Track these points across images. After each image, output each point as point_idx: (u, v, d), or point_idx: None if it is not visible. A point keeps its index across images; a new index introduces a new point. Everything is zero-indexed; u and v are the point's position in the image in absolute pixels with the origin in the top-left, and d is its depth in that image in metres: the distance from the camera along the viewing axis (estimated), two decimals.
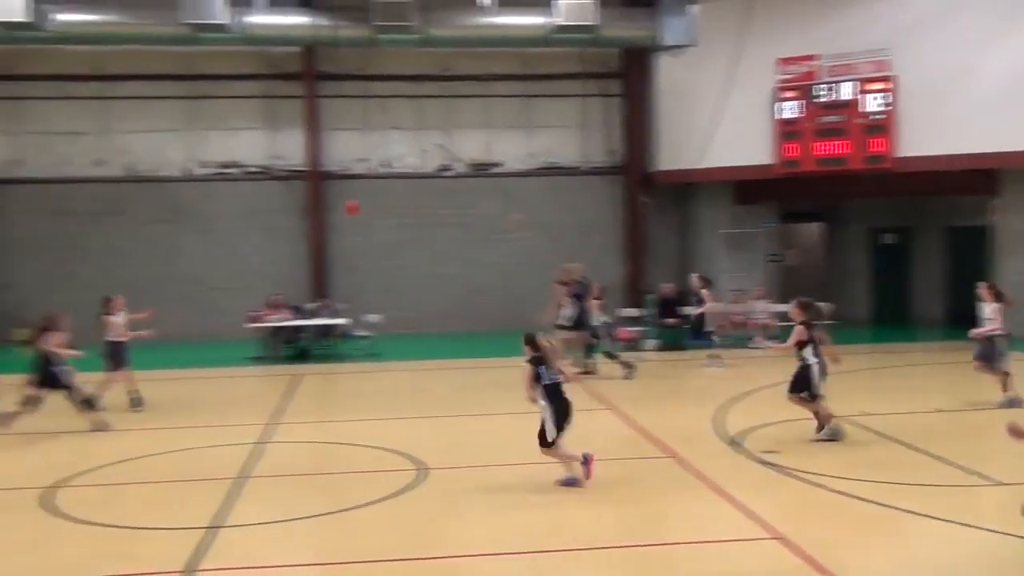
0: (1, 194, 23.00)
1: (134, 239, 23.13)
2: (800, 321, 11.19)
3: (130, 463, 10.97)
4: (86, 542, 8.17)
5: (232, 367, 19.01)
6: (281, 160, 23.83)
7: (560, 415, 9.35)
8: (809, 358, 11.07)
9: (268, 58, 23.41)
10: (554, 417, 9.32)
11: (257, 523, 8.54)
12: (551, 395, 9.38)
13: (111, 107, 23.25)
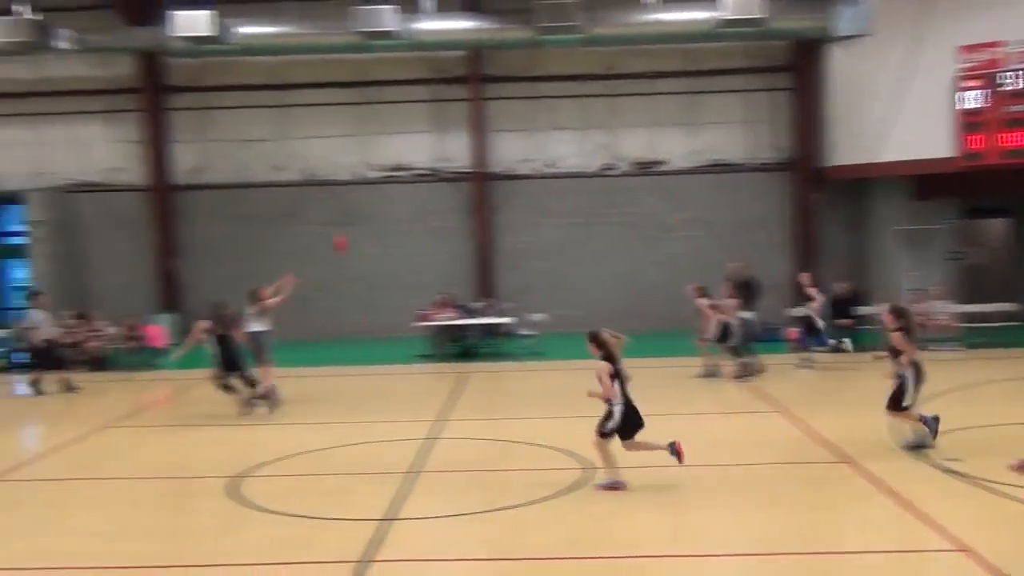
0: (187, 199, 24.38)
1: (309, 241, 24.06)
2: (895, 328, 10.52)
3: (308, 455, 11.44)
4: (269, 530, 8.56)
5: (401, 365, 19.52)
6: (448, 162, 24.32)
7: (629, 414, 9.25)
8: (903, 369, 10.48)
9: (435, 63, 23.92)
10: (623, 414, 9.23)
11: (428, 517, 8.76)
12: (625, 392, 9.32)
13: (288, 115, 24.28)
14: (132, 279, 23.68)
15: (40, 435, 14.37)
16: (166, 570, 7.74)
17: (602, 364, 9.33)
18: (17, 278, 24.96)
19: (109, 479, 10.88)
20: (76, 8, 22.86)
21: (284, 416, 14.09)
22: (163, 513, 9.76)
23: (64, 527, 8.95)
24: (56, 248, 23.58)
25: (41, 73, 24.03)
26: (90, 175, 24.27)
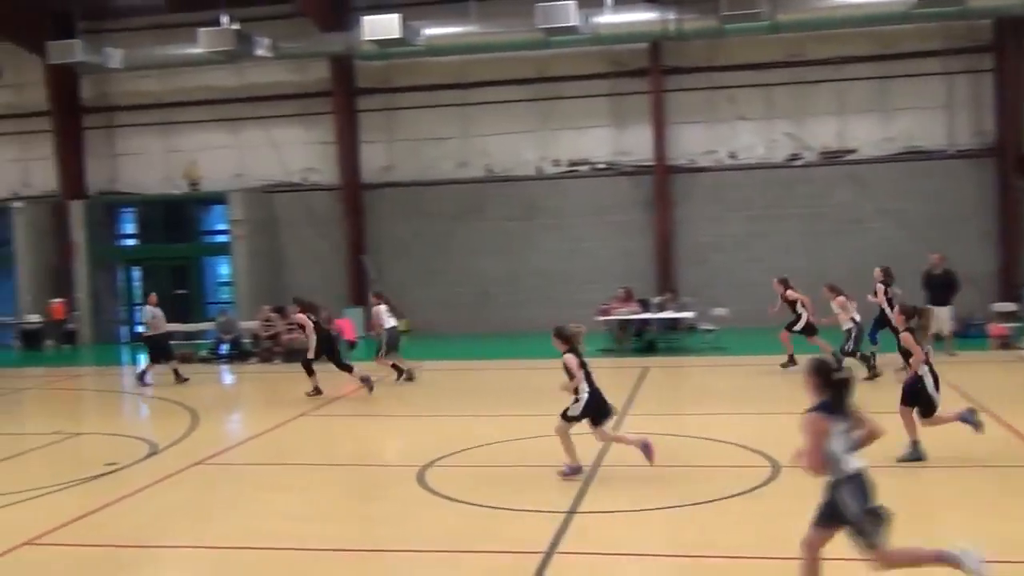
0: (376, 197, 25.27)
1: (493, 236, 24.50)
2: (904, 329, 10.10)
3: (491, 447, 11.63)
4: (456, 518, 8.77)
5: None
6: (627, 156, 24.22)
7: (593, 402, 9.62)
8: (921, 368, 9.91)
9: (615, 56, 23.85)
10: (589, 401, 9.61)
11: (611, 511, 8.74)
12: (590, 381, 9.71)
13: (471, 113, 24.79)
14: (325, 274, 24.77)
15: (242, 422, 15.22)
16: (359, 554, 8.04)
17: (569, 357, 9.75)
18: (221, 274, 26.54)
19: (305, 465, 11.42)
20: (274, 17, 24.12)
21: (467, 408, 14.40)
22: (355, 499, 10.15)
23: (264, 509, 9.45)
24: (256, 245, 24.94)
25: (242, 80, 25.49)
26: (286, 175, 25.56)
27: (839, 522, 5.86)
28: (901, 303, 11.21)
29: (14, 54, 25.57)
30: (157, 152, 26.55)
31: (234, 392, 17.70)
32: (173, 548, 8.44)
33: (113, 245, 27.06)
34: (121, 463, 11.41)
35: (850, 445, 5.88)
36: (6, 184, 27.22)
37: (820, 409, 5.85)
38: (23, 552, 8.33)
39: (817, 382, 5.97)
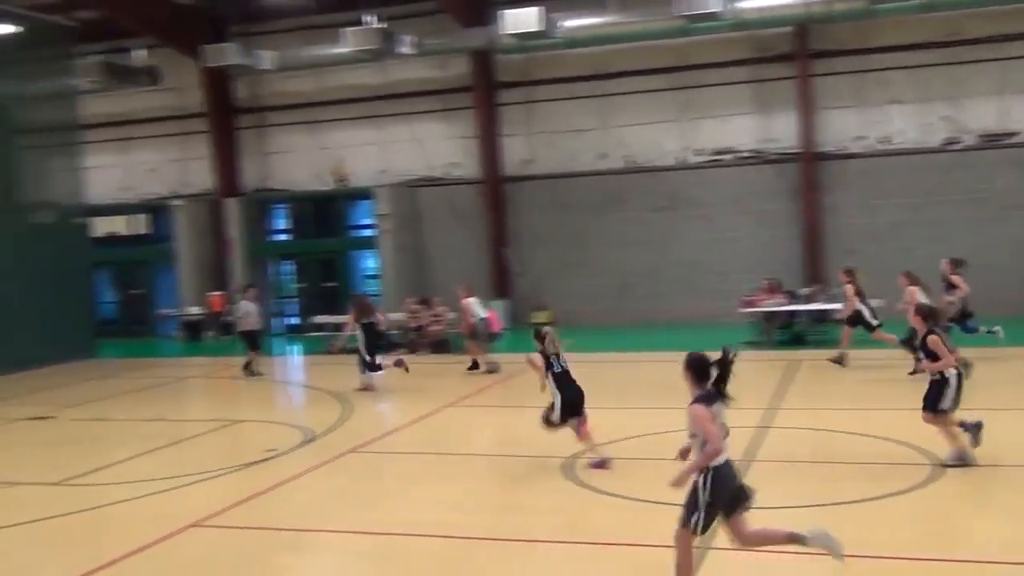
0: (517, 189, 25.44)
1: (633, 227, 24.33)
2: (927, 331, 9.85)
3: (640, 439, 11.56)
4: (605, 511, 8.77)
5: None
6: (772, 143, 23.64)
7: (566, 403, 10.28)
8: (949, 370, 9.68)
9: (758, 41, 23.29)
10: (560, 404, 10.29)
11: (764, 507, 8.55)
12: (559, 383, 10.37)
13: (611, 103, 24.65)
14: (468, 267, 25.08)
15: (391, 411, 15.57)
16: (509, 543, 8.13)
17: (535, 356, 10.56)
18: (367, 267, 27.23)
19: (455, 454, 11.62)
20: (416, 15, 24.54)
21: (609, 400, 14.33)
22: (504, 489, 10.25)
23: (416, 497, 9.66)
24: (400, 239, 25.47)
25: (385, 77, 26.03)
26: (429, 170, 25.99)
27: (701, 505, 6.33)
28: (918, 303, 10.83)
29: (173, 59, 26.82)
30: (306, 150, 27.42)
31: (382, 382, 18.09)
32: (330, 533, 8.72)
33: (266, 240, 28.10)
34: (279, 450, 11.85)
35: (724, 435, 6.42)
36: (167, 183, 28.62)
37: (699, 401, 6.44)
38: (190, 533, 8.76)
39: (692, 376, 6.62)
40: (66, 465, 11.72)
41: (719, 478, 6.30)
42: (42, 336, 21.27)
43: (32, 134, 25.36)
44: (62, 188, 24.84)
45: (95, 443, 13.66)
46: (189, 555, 8.28)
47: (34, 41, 23.42)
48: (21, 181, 25.28)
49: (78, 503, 10.03)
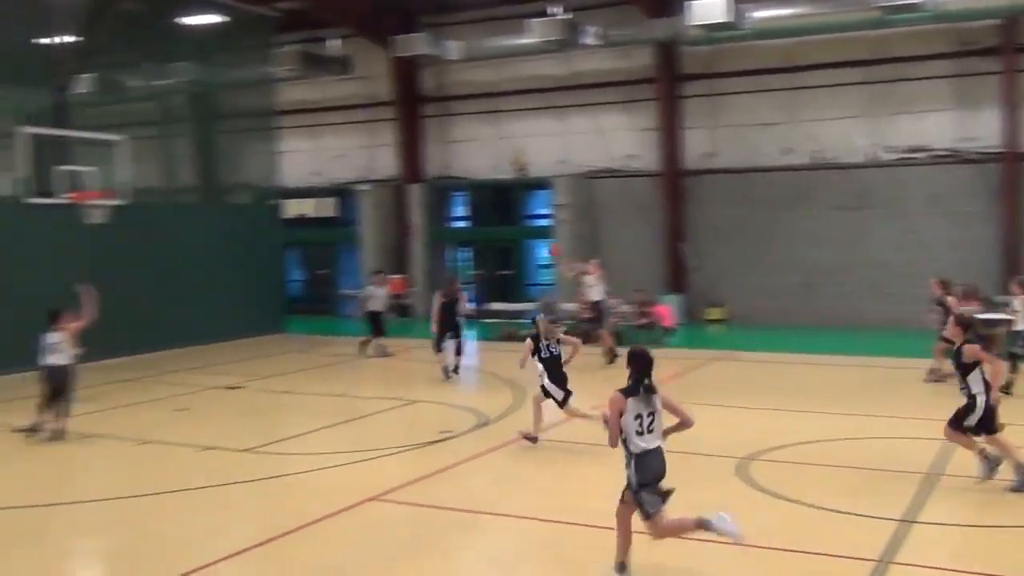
0: (697, 184, 25.01)
1: (819, 225, 23.51)
2: (963, 341, 9.28)
3: (816, 445, 11.19)
4: (780, 516, 8.52)
5: (917, 358, 18.32)
6: (972, 142, 22.33)
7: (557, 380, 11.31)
8: (974, 386, 9.16)
9: (960, 34, 22.03)
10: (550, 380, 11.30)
11: (951, 524, 8.13)
12: (547, 366, 11.36)
13: (799, 97, 23.87)
14: (643, 260, 24.88)
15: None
16: (679, 542, 8.00)
17: (528, 342, 11.57)
18: (543, 256, 27.42)
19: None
20: (601, 5, 24.48)
21: (788, 402, 13.95)
22: (677, 486, 10.11)
23: (589, 487, 9.65)
24: (577, 229, 25.50)
25: (568, 68, 26.05)
26: (608, 162, 25.86)
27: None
28: (958, 314, 10.18)
29: (364, 48, 27.73)
30: (487, 139, 27.83)
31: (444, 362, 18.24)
32: (501, 516, 8.83)
33: (445, 226, 28.72)
34: (454, 431, 12.09)
35: (644, 428, 6.82)
36: (355, 168, 29.64)
37: (623, 391, 6.86)
38: (368, 507, 9.06)
39: (629, 367, 7.04)
40: (253, 433, 12.35)
41: (641, 464, 6.81)
42: (236, 310, 22.44)
43: (231, 119, 26.78)
44: (257, 171, 26.12)
45: (281, 414, 14.34)
46: (365, 528, 8.57)
47: (237, 31, 24.71)
48: (220, 164, 26.78)
49: (264, 470, 10.55)
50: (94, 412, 13.57)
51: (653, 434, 6.86)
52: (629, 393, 6.85)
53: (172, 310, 20.65)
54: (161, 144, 25.98)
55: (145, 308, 19.50)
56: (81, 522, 9.14)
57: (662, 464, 6.89)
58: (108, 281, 14.73)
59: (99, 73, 23.97)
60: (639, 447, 6.78)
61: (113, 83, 26.72)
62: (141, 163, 20.68)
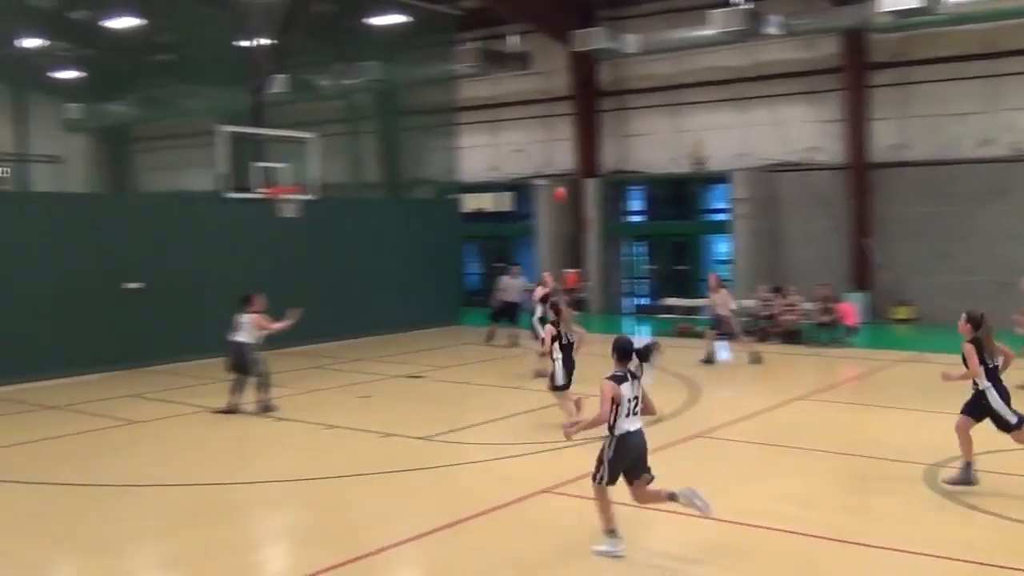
0: (884, 177, 23.97)
1: (1018, 221, 22.12)
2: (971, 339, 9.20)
3: (1011, 454, 10.56)
4: (976, 529, 8.12)
5: None
6: None
7: (568, 367, 11.94)
8: (982, 382, 9.09)
9: None
10: (564, 368, 11.92)
11: None
12: (564, 352, 11.99)
13: (999, 85, 22.50)
14: (825, 256, 24.08)
15: (735, 400, 15.36)
16: (859, 547, 7.76)
17: (549, 328, 12.47)
18: (719, 252, 26.96)
19: (802, 449, 11.24)
20: None
21: None
22: (857, 490, 9.82)
23: (762, 489, 9.47)
24: (755, 224, 24.95)
25: (749, 59, 25.47)
26: (789, 155, 25.12)
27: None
28: (969, 310, 9.53)
29: (543, 44, 27.98)
30: (664, 132, 27.57)
31: (729, 369, 17.94)
32: (673, 514, 8.76)
33: (620, 221, 28.65)
34: None
35: (631, 411, 7.61)
36: (533, 163, 29.96)
37: (611, 378, 7.59)
38: (541, 498, 9.20)
39: (615, 356, 7.75)
40: (432, 422, 12.72)
41: (622, 445, 7.60)
42: (416, 302, 23.13)
43: (414, 116, 27.58)
44: (438, 167, 26.82)
45: (458, 404, 14.70)
46: (540, 519, 8.69)
47: (420, 30, 25.44)
48: (403, 160, 27.63)
49: (441, 458, 10.86)
50: (284, 396, 14.29)
51: (637, 416, 7.67)
52: (620, 381, 7.56)
53: (355, 301, 21.51)
54: (348, 141, 27.06)
55: (330, 299, 20.38)
56: (272, 500, 9.67)
57: (642, 442, 7.72)
58: (296, 272, 15.48)
59: (291, 74, 25.19)
60: (623, 429, 7.57)
61: (304, 83, 28.03)
62: (329, 159, 21.62)
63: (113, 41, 29.77)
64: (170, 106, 34.06)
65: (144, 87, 34.80)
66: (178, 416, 13.58)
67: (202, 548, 8.05)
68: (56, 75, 32.61)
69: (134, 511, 9.19)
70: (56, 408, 14.14)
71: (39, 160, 26.13)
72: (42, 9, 27.75)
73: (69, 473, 10.38)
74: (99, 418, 13.43)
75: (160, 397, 14.92)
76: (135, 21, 26.61)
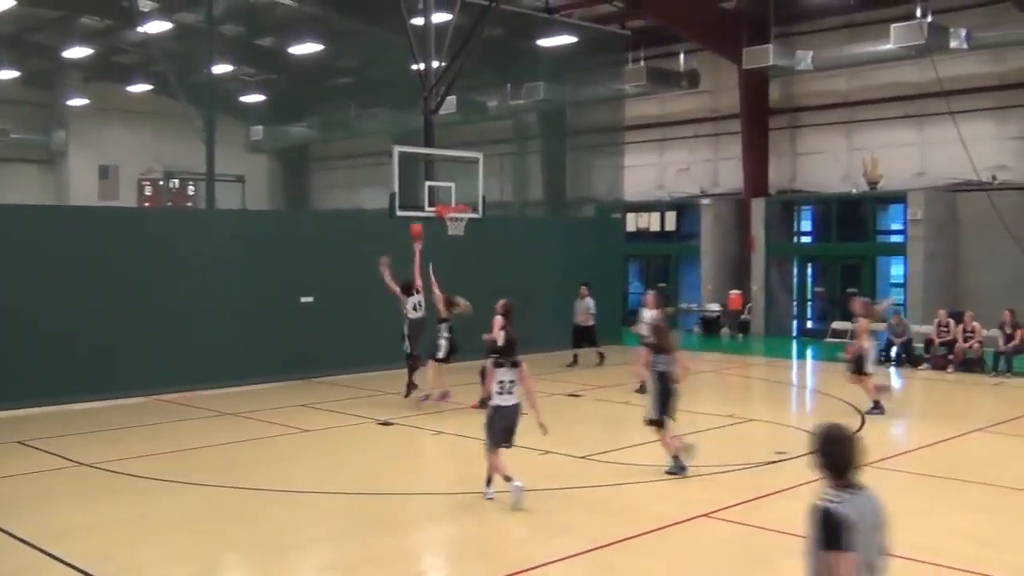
0: None
1: None
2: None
3: None
4: None
5: None
6: None
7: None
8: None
9: None
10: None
11: None
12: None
13: None
14: (1010, 280, 22.74)
15: (911, 428, 14.66)
16: None
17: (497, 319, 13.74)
18: (893, 274, 25.85)
19: (980, 483, 10.62)
20: (970, 6, 22.77)
21: None
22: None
23: (937, 524, 9.02)
24: (934, 246, 23.84)
25: (930, 74, 24.36)
26: (973, 174, 23.82)
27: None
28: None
29: (711, 62, 27.65)
30: (836, 150, 26.72)
31: (903, 397, 17.17)
32: None
33: (788, 241, 27.89)
34: (789, 453, 11.74)
35: (502, 390, 9.68)
36: (698, 182, 29.60)
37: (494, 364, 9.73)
38: (700, 522, 9.04)
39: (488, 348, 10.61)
40: (590, 441, 12.69)
41: (495, 413, 9.71)
42: None
43: (580, 136, 27.71)
44: (602, 185, 26.85)
45: (617, 424, 14.63)
46: (696, 545, 8.55)
47: (589, 49, 25.57)
48: (568, 179, 27.78)
49: (598, 478, 10.81)
50: (445, 411, 14.57)
51: (512, 395, 9.65)
52: (498, 365, 9.66)
53: (518, 319, 21.65)
54: (514, 160, 27.45)
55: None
56: (434, 512, 9.87)
57: (514, 413, 9.71)
58: (460, 290, 15.80)
59: (462, 95, 25.77)
60: (497, 403, 9.68)
61: (474, 104, 28.64)
62: (496, 178, 21.98)
63: (295, 67, 31.34)
64: (346, 128, 35.53)
65: (323, 110, 36.46)
66: (345, 427, 14.05)
67: (364, 557, 8.28)
68: (242, 99, 34.59)
69: (302, 517, 9.55)
70: (234, 415, 14.87)
71: (225, 179, 27.69)
72: (230, 36, 29.48)
73: (242, 477, 10.89)
74: (272, 425, 14.05)
75: (328, 408, 15.48)
76: (316, 47, 27.86)
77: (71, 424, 13.99)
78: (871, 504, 4.49)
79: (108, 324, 15.94)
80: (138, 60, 32.32)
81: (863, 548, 4.32)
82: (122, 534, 8.84)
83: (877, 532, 4.46)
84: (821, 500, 4.37)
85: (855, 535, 4.26)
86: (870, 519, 4.41)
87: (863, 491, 4.49)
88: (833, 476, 4.47)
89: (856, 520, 4.29)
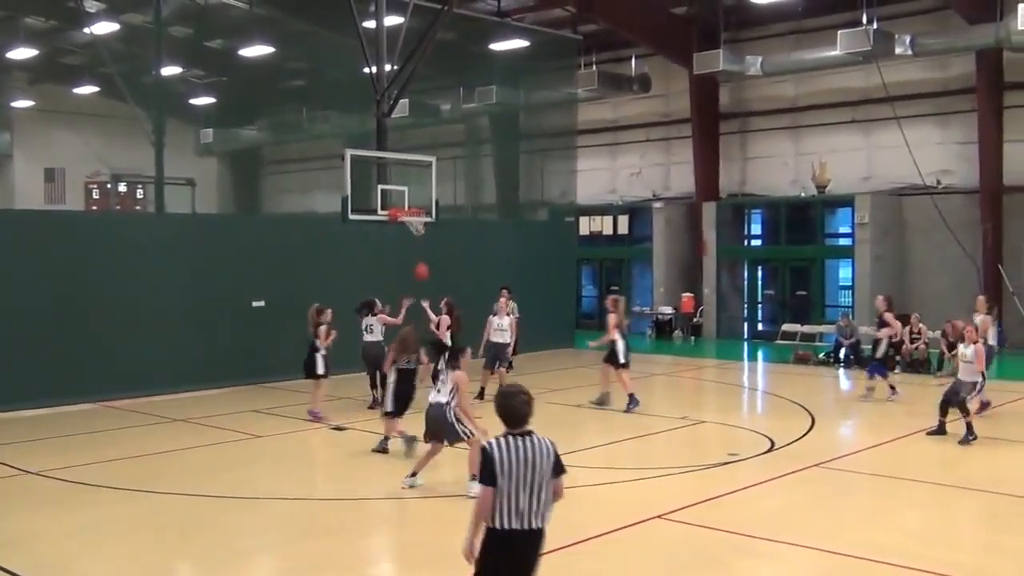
0: (1019, 201, 23.01)
1: None
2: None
3: None
4: None
5: None
6: None
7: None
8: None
9: None
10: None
11: None
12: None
13: None
14: (955, 283, 23.22)
15: (859, 429, 14.90)
16: None
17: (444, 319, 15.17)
18: (842, 277, 26.25)
19: (929, 483, 10.84)
20: (915, 13, 23.20)
21: None
22: (985, 527, 9.41)
23: (884, 523, 9.17)
24: (880, 249, 24.25)
25: (875, 80, 24.75)
26: (917, 178, 24.23)
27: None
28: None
29: (663, 66, 27.89)
30: (785, 155, 27.09)
31: (851, 398, 17.45)
32: (787, 545, 8.56)
33: (739, 244, 28.20)
34: (741, 455, 11.87)
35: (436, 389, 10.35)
36: (650, 185, 29.81)
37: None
38: (653, 524, 9.10)
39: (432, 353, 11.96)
40: None
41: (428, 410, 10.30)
42: (531, 323, 23.14)
43: (532, 140, 27.78)
44: (555, 188, 26.93)
45: (571, 427, 14.65)
46: (648, 546, 8.60)
47: (543, 54, 25.66)
48: (521, 182, 27.83)
49: None
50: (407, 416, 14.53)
51: (441, 393, 10.14)
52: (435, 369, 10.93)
53: (469, 321, 21.64)
54: (468, 164, 27.44)
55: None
56: (387, 516, 9.85)
57: (439, 412, 10.09)
58: (414, 291, 15.79)
59: (413, 98, 25.71)
60: (429, 399, 10.25)
61: (426, 107, 28.58)
62: (449, 181, 21.95)
63: (245, 69, 31.04)
64: (298, 130, 35.28)
65: (274, 112, 36.16)
66: (297, 432, 13.95)
67: (317, 563, 8.23)
68: (191, 101, 34.18)
69: (255, 523, 9.46)
70: (184, 421, 14.69)
71: (175, 183, 27.33)
72: (179, 38, 29.14)
73: (194, 483, 10.77)
74: (224, 431, 13.89)
75: (280, 413, 15.35)
76: (267, 49, 27.63)
77: (17, 432, 13.72)
78: (538, 447, 5.43)
79: (55, 329, 15.66)
80: (85, 61, 31.83)
81: (513, 483, 5.33)
82: (73, 543, 8.71)
83: (531, 471, 5.38)
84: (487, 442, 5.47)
85: (499, 474, 5.28)
86: (526, 459, 5.36)
87: (529, 437, 5.42)
88: (506, 424, 5.46)
89: (505, 460, 5.29)
